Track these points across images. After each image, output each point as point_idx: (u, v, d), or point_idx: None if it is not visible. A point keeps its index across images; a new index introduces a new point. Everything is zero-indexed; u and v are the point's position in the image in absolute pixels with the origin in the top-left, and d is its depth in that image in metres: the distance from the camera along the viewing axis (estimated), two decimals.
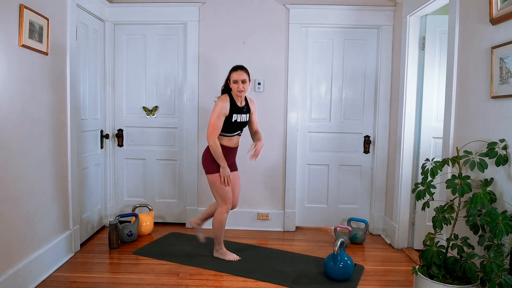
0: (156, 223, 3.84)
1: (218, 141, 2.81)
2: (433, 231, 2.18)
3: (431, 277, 2.08)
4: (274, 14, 3.63)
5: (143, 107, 3.80)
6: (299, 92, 3.70)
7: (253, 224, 3.79)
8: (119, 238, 3.26)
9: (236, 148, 2.96)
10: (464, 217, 2.04)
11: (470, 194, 2.06)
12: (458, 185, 2.02)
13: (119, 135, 3.82)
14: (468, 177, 2.04)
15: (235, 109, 2.81)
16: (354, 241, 3.44)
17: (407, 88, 3.25)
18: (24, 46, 2.35)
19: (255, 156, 2.85)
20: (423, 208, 2.23)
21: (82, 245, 3.25)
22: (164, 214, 3.91)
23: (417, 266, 2.15)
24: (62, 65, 2.88)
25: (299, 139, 3.75)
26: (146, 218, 3.56)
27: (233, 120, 2.81)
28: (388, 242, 3.50)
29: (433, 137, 3.22)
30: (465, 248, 2.06)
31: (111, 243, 3.19)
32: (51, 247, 2.73)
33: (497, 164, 1.93)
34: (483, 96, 2.15)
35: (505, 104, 1.97)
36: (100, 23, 3.59)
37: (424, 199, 2.20)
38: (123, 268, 2.85)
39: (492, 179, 2.02)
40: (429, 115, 3.22)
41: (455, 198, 2.13)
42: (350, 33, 3.68)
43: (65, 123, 2.93)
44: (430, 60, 3.18)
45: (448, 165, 2.21)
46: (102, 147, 3.68)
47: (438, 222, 2.10)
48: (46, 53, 2.62)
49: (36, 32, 2.48)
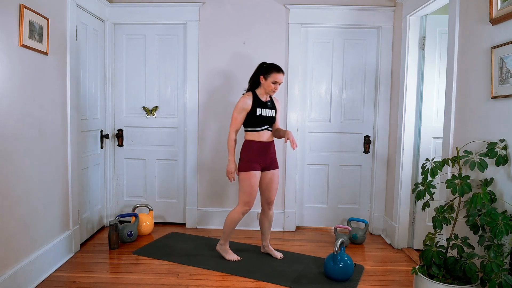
0: (156, 223, 3.84)
1: (249, 137, 2.88)
2: (433, 231, 2.18)
3: (431, 277, 2.08)
4: (274, 14, 3.63)
5: (143, 107, 3.80)
6: (299, 92, 3.70)
7: (253, 224, 3.79)
8: (119, 238, 3.26)
9: (270, 143, 2.93)
10: (464, 217, 2.04)
11: (470, 194, 2.06)
12: (458, 185, 2.02)
13: (119, 135, 3.82)
14: (468, 177, 2.04)
15: (258, 103, 2.86)
16: (354, 241, 3.44)
17: (407, 88, 3.25)
18: (24, 46, 2.35)
19: (294, 144, 2.72)
20: (423, 208, 2.23)
21: (82, 245, 3.25)
22: (164, 214, 3.91)
23: (417, 266, 2.15)
24: (62, 65, 2.88)
25: (299, 139, 3.75)
26: (146, 218, 3.56)
27: (257, 114, 2.83)
28: (388, 242, 3.50)
29: (433, 137, 3.22)
30: (465, 248, 2.06)
31: (111, 243, 3.19)
32: (51, 247, 2.73)
33: (497, 164, 1.93)
34: (483, 96, 2.15)
35: (505, 104, 1.97)
36: (100, 23, 3.59)
37: (424, 199, 2.20)
38: (123, 268, 2.85)
39: (492, 179, 2.02)
40: (429, 115, 3.22)
41: (455, 198, 2.13)
42: (350, 33, 3.68)
43: (65, 123, 2.93)
44: (430, 60, 3.18)
45: (448, 165, 2.21)
46: (102, 147, 3.69)
47: (438, 222, 2.10)
48: (46, 53, 2.62)
49: (36, 32, 2.48)
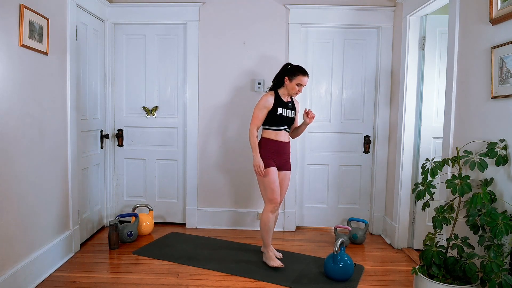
0: (156, 223, 3.84)
1: (266, 135, 2.87)
2: (433, 231, 2.18)
3: (431, 277, 2.08)
4: (274, 14, 3.63)
5: (143, 107, 3.80)
6: None
7: (253, 224, 3.79)
8: (119, 238, 3.26)
9: (286, 143, 2.91)
10: (464, 217, 2.04)
11: (470, 194, 2.06)
12: (458, 185, 2.02)
13: (119, 135, 3.82)
14: (468, 177, 2.04)
15: (280, 103, 2.85)
16: (354, 241, 3.44)
17: (407, 88, 3.25)
18: (24, 46, 2.35)
19: (310, 116, 2.89)
20: (423, 208, 2.23)
21: (82, 245, 3.25)
22: (164, 214, 3.91)
23: (417, 266, 2.15)
24: (62, 65, 2.88)
25: (299, 139, 3.75)
26: (146, 218, 3.56)
27: (278, 113, 2.83)
28: (388, 242, 3.50)
29: (433, 137, 3.22)
30: (465, 248, 2.06)
31: (111, 243, 3.19)
32: (51, 247, 2.73)
33: (497, 164, 1.93)
34: (483, 96, 2.15)
35: (505, 104, 1.97)
36: (100, 23, 3.59)
37: (424, 199, 2.20)
38: (123, 268, 2.85)
39: (492, 179, 2.02)
40: (429, 115, 3.22)
41: (455, 198, 2.13)
42: (350, 33, 3.68)
43: (65, 123, 2.93)
44: (430, 60, 3.18)
45: (448, 165, 2.21)
46: (102, 147, 3.69)
47: (438, 222, 2.10)
48: (46, 53, 2.62)
49: (36, 32, 2.48)
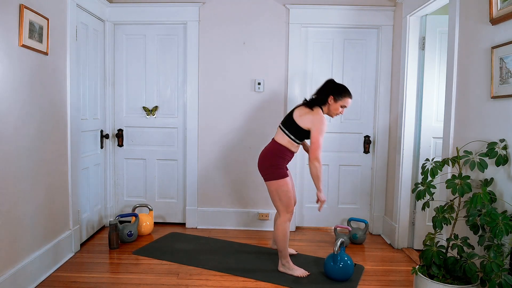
0: (156, 223, 3.84)
1: (288, 146, 2.68)
2: (433, 231, 2.18)
3: (431, 277, 2.08)
4: (274, 14, 3.63)
5: (143, 107, 3.80)
6: (299, 92, 3.70)
7: (253, 224, 3.79)
8: (119, 238, 3.26)
9: (293, 154, 2.80)
10: (464, 217, 2.04)
11: (470, 194, 2.06)
12: (458, 185, 2.02)
13: (119, 135, 3.82)
14: (468, 177, 2.04)
15: None
16: (354, 241, 3.44)
17: (407, 88, 3.25)
18: (24, 46, 2.35)
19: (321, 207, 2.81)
20: (423, 208, 2.23)
21: (82, 245, 3.25)
22: (164, 214, 3.91)
23: (417, 266, 2.15)
24: (62, 65, 2.88)
25: None
26: (146, 218, 3.56)
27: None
28: (388, 242, 3.50)
29: (433, 137, 3.22)
30: (465, 248, 2.06)
31: (111, 243, 3.19)
32: (51, 247, 2.73)
33: (497, 164, 1.93)
34: (483, 96, 2.15)
35: (505, 104, 1.97)
36: (100, 23, 3.59)
37: (424, 199, 2.20)
38: (123, 268, 2.85)
39: (492, 179, 2.02)
40: (429, 115, 3.22)
41: (455, 198, 2.13)
42: (350, 33, 3.68)
43: (65, 123, 2.93)
44: (430, 60, 3.18)
45: (448, 165, 2.21)
46: (102, 147, 3.69)
47: (438, 222, 2.10)
48: (46, 53, 2.62)
49: (36, 32, 2.48)
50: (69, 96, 2.95)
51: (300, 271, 2.73)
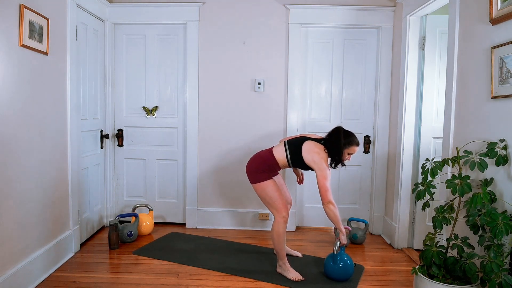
0: (156, 223, 3.84)
1: (280, 158, 2.69)
2: (433, 231, 2.18)
3: (431, 277, 2.08)
4: (274, 14, 3.63)
5: (143, 107, 3.80)
6: (299, 92, 3.70)
7: (253, 224, 3.79)
8: (119, 238, 3.26)
9: (281, 169, 2.79)
10: (464, 217, 2.04)
11: (470, 194, 2.06)
12: (458, 185, 2.02)
13: (119, 135, 3.82)
14: (468, 177, 2.04)
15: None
16: (354, 241, 3.43)
17: (407, 88, 3.25)
18: (24, 46, 2.35)
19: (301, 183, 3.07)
20: (423, 208, 2.23)
21: (82, 245, 3.25)
22: (164, 214, 3.91)
23: (417, 266, 2.15)
24: (62, 65, 2.88)
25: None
26: (146, 218, 3.56)
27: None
28: (388, 242, 3.50)
29: (433, 137, 3.22)
30: (465, 248, 2.06)
31: (111, 243, 3.19)
32: (51, 247, 2.73)
33: (497, 164, 1.93)
34: (483, 96, 2.15)
35: (505, 104, 1.97)
36: (100, 23, 3.59)
37: (424, 199, 2.20)
38: (123, 268, 2.85)
39: (492, 179, 2.02)
40: (429, 115, 3.22)
41: (455, 198, 2.13)
42: (350, 33, 3.68)
43: (65, 123, 2.93)
44: (430, 60, 3.18)
45: (448, 165, 2.21)
46: (102, 147, 3.69)
47: (438, 222, 2.10)
48: (46, 53, 2.62)
49: (36, 32, 2.48)
50: (69, 96, 2.95)
51: (293, 274, 2.69)
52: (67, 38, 2.92)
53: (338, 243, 2.62)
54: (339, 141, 2.60)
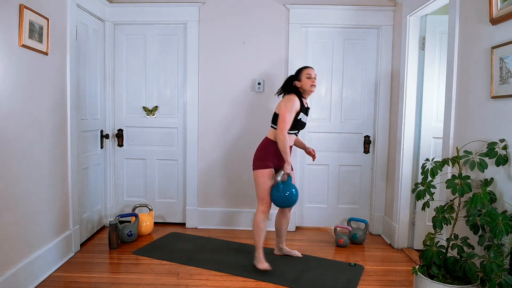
0: (156, 223, 3.84)
1: (272, 137, 2.84)
2: (433, 231, 2.18)
3: (431, 277, 2.08)
4: (274, 14, 3.63)
5: (143, 107, 3.80)
6: None
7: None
8: (119, 238, 3.26)
9: (291, 147, 2.85)
10: (464, 217, 2.04)
11: (470, 194, 2.06)
12: (458, 185, 2.02)
13: (119, 135, 3.82)
14: (468, 177, 2.04)
15: (303, 108, 2.82)
16: (354, 241, 3.44)
17: (407, 88, 3.25)
18: (24, 46, 2.35)
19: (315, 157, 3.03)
20: (423, 208, 2.23)
21: (82, 245, 3.25)
22: (164, 214, 3.91)
23: (417, 266, 2.15)
24: (62, 65, 2.88)
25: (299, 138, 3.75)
26: (146, 218, 3.56)
27: (298, 117, 2.79)
28: (388, 242, 3.50)
29: (433, 137, 3.22)
30: (465, 248, 2.06)
31: (111, 243, 3.19)
32: (51, 247, 2.73)
33: (497, 164, 1.93)
34: (483, 96, 2.15)
35: (505, 104, 1.97)
36: (100, 23, 3.59)
37: (424, 199, 2.20)
38: (123, 268, 2.85)
39: (492, 179, 2.02)
40: (429, 115, 3.22)
41: (455, 198, 2.13)
42: (350, 33, 3.68)
43: (65, 123, 2.93)
44: (430, 60, 3.18)
45: (448, 165, 2.21)
46: (102, 147, 3.69)
47: (438, 222, 2.10)
48: (46, 53, 2.62)
49: (36, 32, 2.48)
50: (69, 96, 2.95)
51: (262, 265, 2.78)
52: (67, 38, 2.92)
53: (281, 173, 2.72)
54: (291, 77, 2.87)
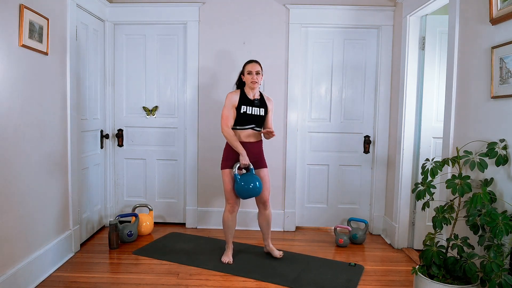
0: (156, 223, 3.84)
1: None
2: (433, 231, 2.18)
3: (431, 277, 2.08)
4: (274, 14, 3.63)
5: (143, 107, 3.80)
6: (299, 92, 3.70)
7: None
8: (119, 238, 3.26)
9: (253, 144, 2.90)
10: (464, 217, 2.05)
11: (470, 194, 2.06)
12: (458, 185, 2.02)
13: (119, 135, 3.82)
14: (468, 177, 2.04)
15: (244, 101, 2.85)
16: (354, 241, 3.44)
17: (407, 88, 3.25)
18: (24, 46, 2.35)
19: (269, 133, 2.83)
20: (423, 208, 2.23)
21: (82, 245, 3.25)
22: (164, 214, 3.91)
23: (417, 266, 2.15)
24: (62, 65, 2.88)
25: (299, 139, 3.75)
26: (146, 218, 3.56)
27: (241, 111, 2.83)
28: (388, 242, 3.50)
29: (433, 137, 3.22)
30: (465, 248, 2.06)
31: (111, 243, 3.19)
32: (51, 247, 2.73)
33: (497, 164, 1.93)
34: (483, 96, 2.15)
35: (505, 104, 1.97)
36: (100, 23, 3.59)
37: (424, 199, 2.20)
38: (123, 268, 2.85)
39: (492, 179, 2.02)
40: (429, 115, 3.22)
41: (455, 198, 2.13)
42: (350, 33, 3.68)
43: (65, 123, 2.93)
44: (430, 60, 3.18)
45: (448, 165, 2.21)
46: (102, 147, 3.68)
47: (438, 222, 2.10)
48: (46, 53, 2.62)
49: (36, 32, 2.48)
50: (69, 96, 2.95)
51: (224, 258, 2.95)
52: (67, 38, 2.92)
53: (237, 165, 2.82)
54: (239, 75, 2.97)
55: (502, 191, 1.98)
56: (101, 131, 3.67)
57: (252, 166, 2.88)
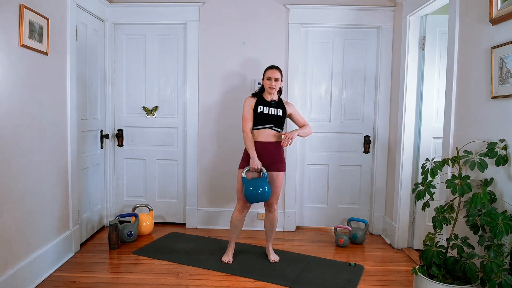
0: (156, 223, 3.84)
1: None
2: (433, 231, 2.18)
3: (431, 277, 2.08)
4: (274, 14, 3.63)
5: (143, 107, 3.80)
6: (299, 92, 3.70)
7: (253, 224, 3.79)
8: (119, 238, 3.26)
9: (269, 144, 2.89)
10: (464, 217, 2.05)
11: (470, 194, 2.06)
12: (458, 185, 2.02)
13: (119, 135, 3.82)
14: (468, 177, 2.04)
15: (261, 102, 2.93)
16: (354, 241, 3.44)
17: (407, 88, 3.25)
18: (24, 46, 2.35)
19: (285, 143, 2.78)
20: (423, 208, 2.23)
21: (82, 245, 3.25)
22: (164, 214, 3.91)
23: (417, 266, 2.15)
24: (62, 65, 2.88)
25: (299, 139, 3.75)
26: (146, 218, 3.56)
27: (258, 111, 2.88)
28: (388, 242, 3.50)
29: (433, 137, 3.22)
30: (465, 248, 2.06)
31: (111, 243, 3.19)
32: (51, 247, 2.73)
33: (497, 164, 1.93)
34: (483, 96, 2.15)
35: (505, 104, 1.97)
36: (100, 23, 3.59)
37: (424, 199, 2.20)
38: (123, 268, 2.85)
39: (492, 179, 2.02)
40: (429, 115, 3.22)
41: (455, 198, 2.13)
42: (350, 33, 3.68)
43: (65, 123, 2.93)
44: (430, 60, 3.18)
45: (448, 165, 2.21)
46: (102, 147, 3.68)
47: (438, 222, 2.10)
48: (46, 53, 2.62)
49: (36, 32, 2.48)
50: (69, 96, 2.95)
51: (225, 258, 2.97)
52: (67, 38, 2.92)
53: (246, 168, 2.84)
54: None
55: (502, 191, 1.98)
56: (101, 131, 3.67)
57: (265, 170, 2.84)
